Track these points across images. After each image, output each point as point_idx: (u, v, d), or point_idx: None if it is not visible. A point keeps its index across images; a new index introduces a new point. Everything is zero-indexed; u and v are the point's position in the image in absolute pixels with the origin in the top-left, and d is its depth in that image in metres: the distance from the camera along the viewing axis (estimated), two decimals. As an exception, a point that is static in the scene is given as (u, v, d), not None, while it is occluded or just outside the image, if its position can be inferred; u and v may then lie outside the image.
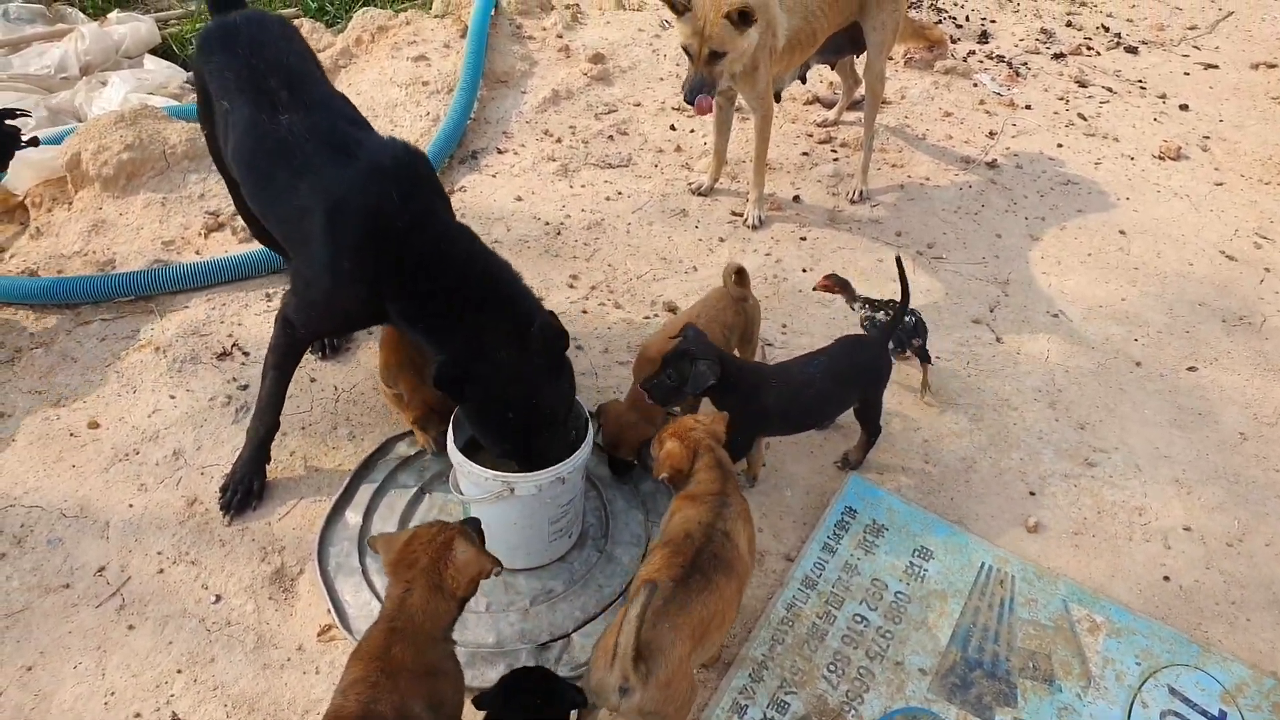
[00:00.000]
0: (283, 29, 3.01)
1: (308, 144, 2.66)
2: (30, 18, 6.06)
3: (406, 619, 2.06)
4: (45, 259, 3.96)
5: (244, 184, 2.88)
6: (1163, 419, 3.58)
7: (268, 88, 2.76)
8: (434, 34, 5.70)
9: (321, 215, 2.57)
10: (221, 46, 2.89)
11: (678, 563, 2.18)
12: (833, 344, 3.10)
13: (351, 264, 2.59)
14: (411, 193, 2.63)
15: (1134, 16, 7.06)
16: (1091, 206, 4.81)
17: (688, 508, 2.35)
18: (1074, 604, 2.88)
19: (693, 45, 3.65)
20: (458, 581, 2.11)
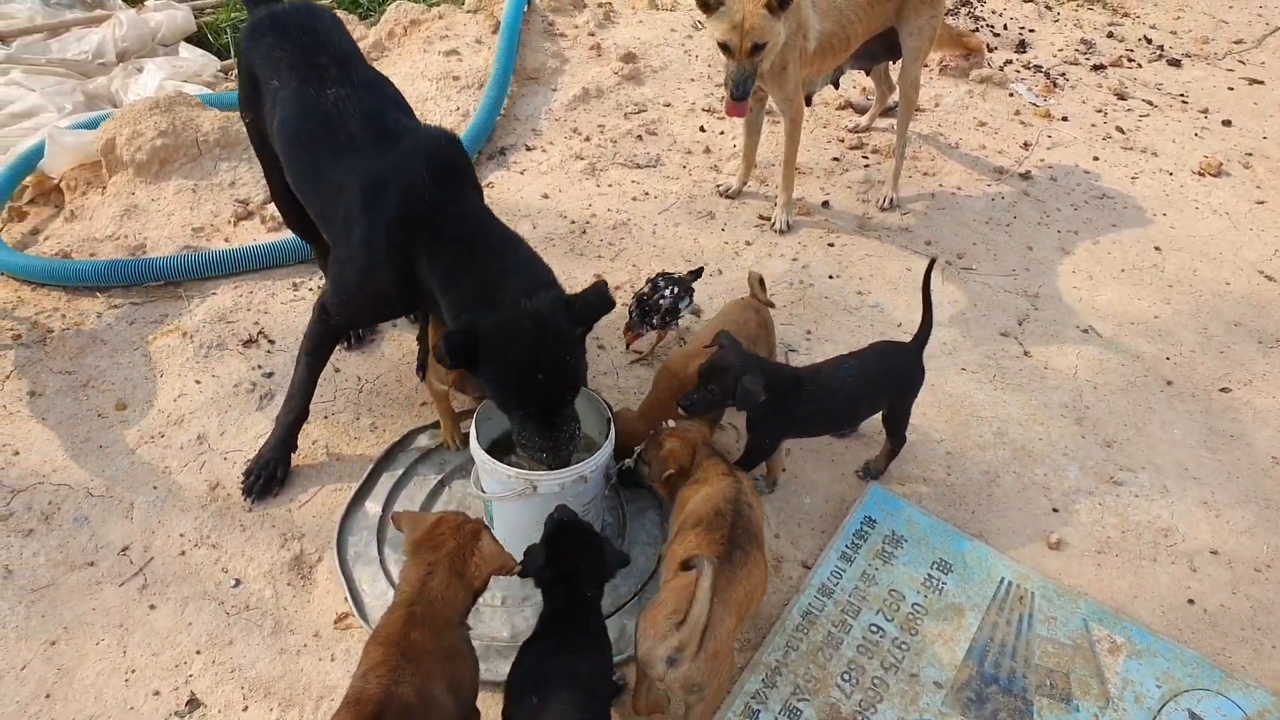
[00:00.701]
0: (332, 18, 3.08)
1: (351, 121, 2.71)
2: (69, 3, 6.13)
3: (426, 603, 2.07)
4: (78, 242, 4.00)
5: (285, 159, 2.91)
6: (1193, 440, 3.52)
7: (318, 64, 2.83)
8: (466, 29, 5.72)
9: (359, 192, 2.61)
10: (273, 29, 2.94)
11: (717, 539, 2.27)
12: (866, 348, 3.09)
13: (386, 240, 2.61)
14: (445, 175, 2.66)
15: (1178, 29, 6.97)
16: (1127, 221, 4.75)
17: (705, 488, 2.43)
18: (1095, 623, 2.85)
19: (733, 39, 3.62)
20: (479, 572, 2.13)
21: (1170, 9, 7.29)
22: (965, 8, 6.92)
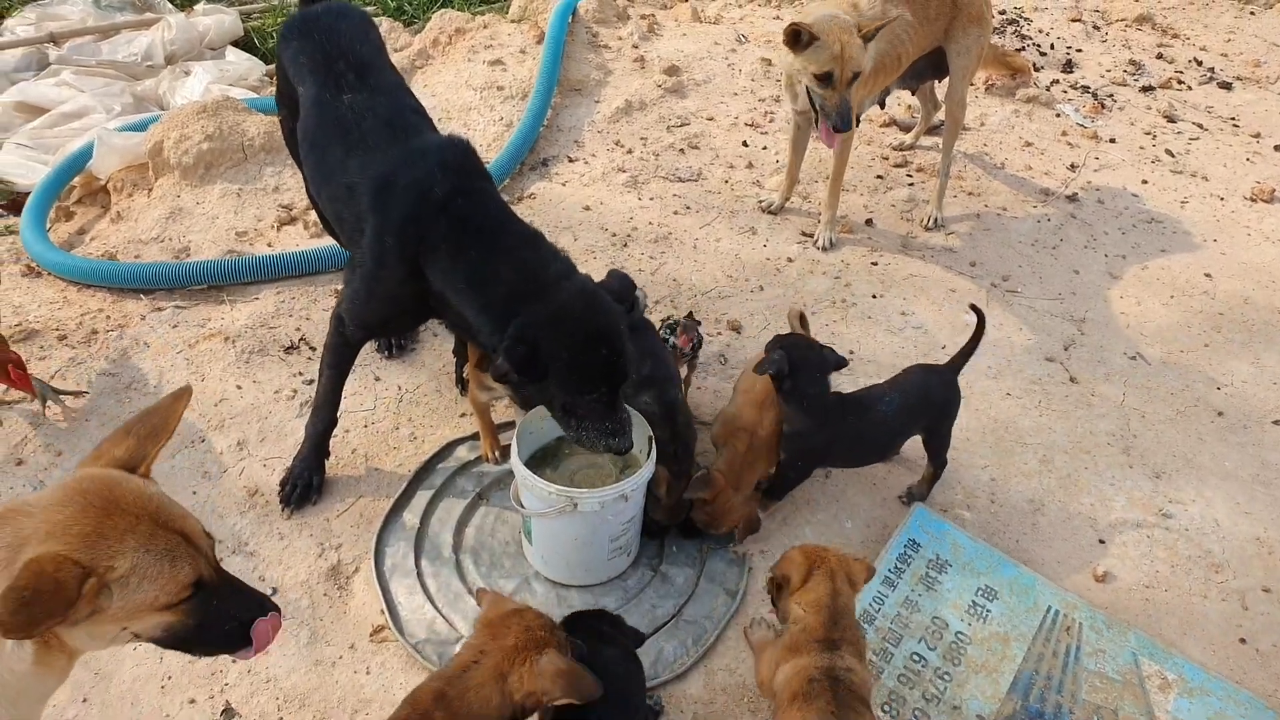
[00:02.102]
0: (362, 20, 3.05)
1: (364, 123, 2.67)
2: (120, 6, 6.22)
3: (459, 689, 1.89)
4: (124, 243, 4.04)
5: (305, 163, 2.91)
6: (1245, 473, 3.44)
7: (336, 69, 2.80)
8: (510, 39, 5.74)
9: (367, 192, 2.57)
10: (300, 33, 2.94)
11: (825, 707, 2.02)
12: (902, 375, 3.04)
13: (394, 239, 2.53)
14: (456, 171, 2.58)
15: (1229, 51, 6.86)
16: (1176, 247, 4.66)
17: (792, 660, 2.15)
18: (1145, 658, 2.77)
19: (835, 70, 3.61)
20: (521, 685, 1.90)
21: (1221, 31, 7.18)
22: (1011, 27, 6.86)
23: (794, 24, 3.59)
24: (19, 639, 1.43)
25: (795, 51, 3.65)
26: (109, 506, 1.51)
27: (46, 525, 1.45)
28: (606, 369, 2.43)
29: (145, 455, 1.65)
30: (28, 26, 5.78)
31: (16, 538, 1.43)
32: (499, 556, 2.86)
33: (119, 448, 1.64)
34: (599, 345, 2.41)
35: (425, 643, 2.58)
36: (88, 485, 1.53)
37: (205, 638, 1.65)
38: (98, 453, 1.64)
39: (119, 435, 1.66)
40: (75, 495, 1.51)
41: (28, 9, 5.96)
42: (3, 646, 1.44)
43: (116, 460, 1.62)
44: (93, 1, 6.12)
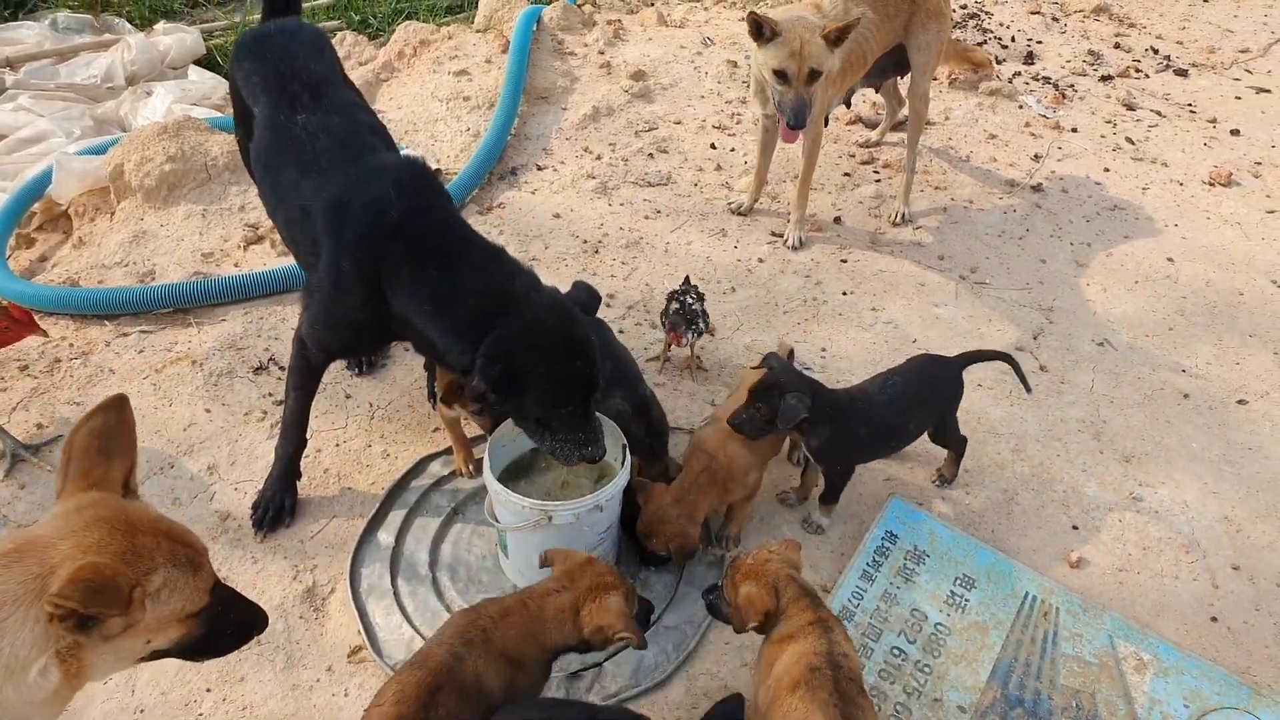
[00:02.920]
0: (315, 38, 3.01)
1: (319, 143, 2.63)
2: (79, 28, 6.15)
3: (540, 604, 2.18)
4: (86, 268, 4.00)
5: (259, 184, 2.87)
6: (1212, 453, 3.48)
7: (291, 90, 2.76)
8: (476, 49, 5.72)
9: (322, 214, 2.53)
10: (253, 53, 2.90)
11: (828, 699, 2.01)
12: (904, 364, 3.08)
13: (350, 262, 2.50)
14: (411, 192, 2.54)
15: (1184, 39, 6.95)
16: (1139, 232, 4.72)
17: (790, 647, 2.17)
18: (1120, 640, 2.80)
19: (790, 67, 3.66)
20: (592, 618, 2.17)
21: (1175, 19, 7.27)
22: (973, 20, 6.91)
23: (753, 13, 3.64)
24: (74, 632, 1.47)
25: (758, 45, 3.71)
26: (131, 527, 1.56)
27: (80, 549, 1.49)
28: (581, 381, 2.44)
29: (127, 469, 1.69)
30: (-17, 52, 5.71)
31: (44, 566, 1.46)
32: (476, 572, 2.85)
33: (111, 472, 1.65)
34: (573, 358, 2.42)
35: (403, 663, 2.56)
36: (102, 510, 1.57)
37: (214, 643, 1.73)
38: (90, 479, 1.63)
39: (93, 458, 1.65)
40: (96, 520, 1.54)
41: (-18, 34, 5.89)
42: (25, 675, 1.46)
43: (113, 484, 1.64)
44: (49, 24, 6.05)
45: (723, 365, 3.69)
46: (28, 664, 1.45)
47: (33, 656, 1.45)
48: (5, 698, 1.46)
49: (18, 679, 1.45)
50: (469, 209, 4.48)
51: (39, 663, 1.46)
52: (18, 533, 1.54)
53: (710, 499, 2.78)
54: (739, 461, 2.80)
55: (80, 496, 1.61)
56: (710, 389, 3.57)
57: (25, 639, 1.44)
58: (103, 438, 1.69)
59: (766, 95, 3.99)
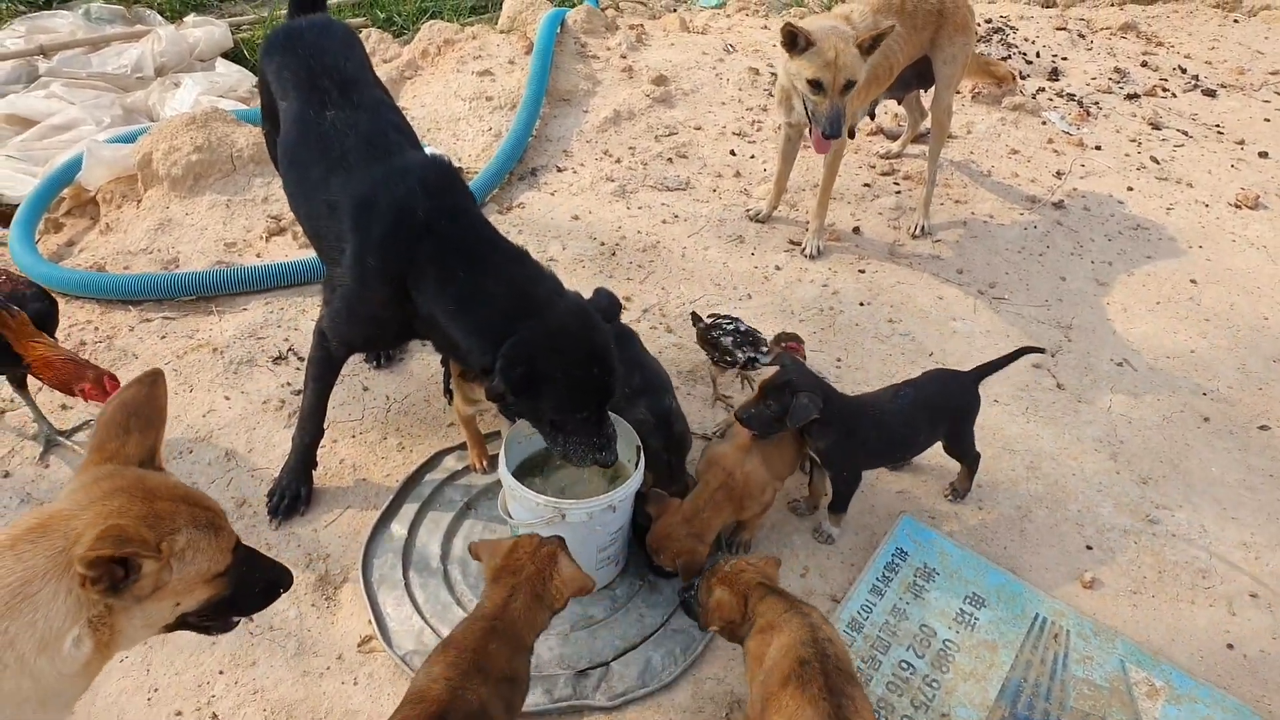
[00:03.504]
0: (345, 35, 3.02)
1: (346, 140, 2.65)
2: (110, 18, 6.23)
3: (508, 622, 2.13)
4: (113, 254, 4.03)
5: (285, 179, 2.88)
6: (1231, 478, 3.45)
7: (320, 86, 2.77)
8: (499, 49, 5.75)
9: (348, 211, 2.54)
10: (284, 48, 2.91)
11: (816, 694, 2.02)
12: (921, 375, 3.09)
13: (376, 259, 2.52)
14: (438, 191, 2.56)
15: (1213, 59, 6.92)
16: (1162, 253, 4.69)
17: (775, 639, 2.19)
18: (1132, 665, 2.78)
19: (826, 77, 3.64)
20: (560, 594, 2.20)
21: (1205, 39, 7.24)
22: (998, 35, 6.90)
23: (789, 25, 3.62)
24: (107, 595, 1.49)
25: (791, 55, 3.69)
26: (149, 494, 1.59)
27: (101, 516, 1.51)
28: (597, 387, 2.46)
29: (152, 447, 1.71)
30: (17, 39, 5.78)
31: (69, 539, 1.49)
32: (487, 566, 2.86)
33: (128, 446, 1.67)
34: (591, 364, 2.44)
35: (413, 654, 2.57)
36: (120, 480, 1.60)
37: (242, 602, 1.76)
38: (106, 453, 1.66)
39: (115, 432, 1.68)
40: (114, 490, 1.57)
41: (17, 21, 5.97)
42: (59, 646, 1.48)
43: (130, 458, 1.67)
44: (82, 14, 6.13)
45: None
46: (62, 634, 1.47)
47: (67, 626, 1.47)
48: (40, 670, 1.47)
49: (52, 650, 1.47)
50: (489, 208, 4.50)
51: (73, 633, 1.48)
52: (39, 509, 1.56)
53: (724, 516, 2.75)
54: (756, 479, 2.78)
55: (96, 470, 1.64)
56: (724, 394, 3.56)
57: (58, 610, 1.47)
58: (128, 412, 1.71)
59: (790, 104, 3.99)
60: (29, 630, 1.44)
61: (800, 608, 2.26)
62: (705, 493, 2.75)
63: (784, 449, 2.90)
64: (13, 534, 1.50)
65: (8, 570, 1.45)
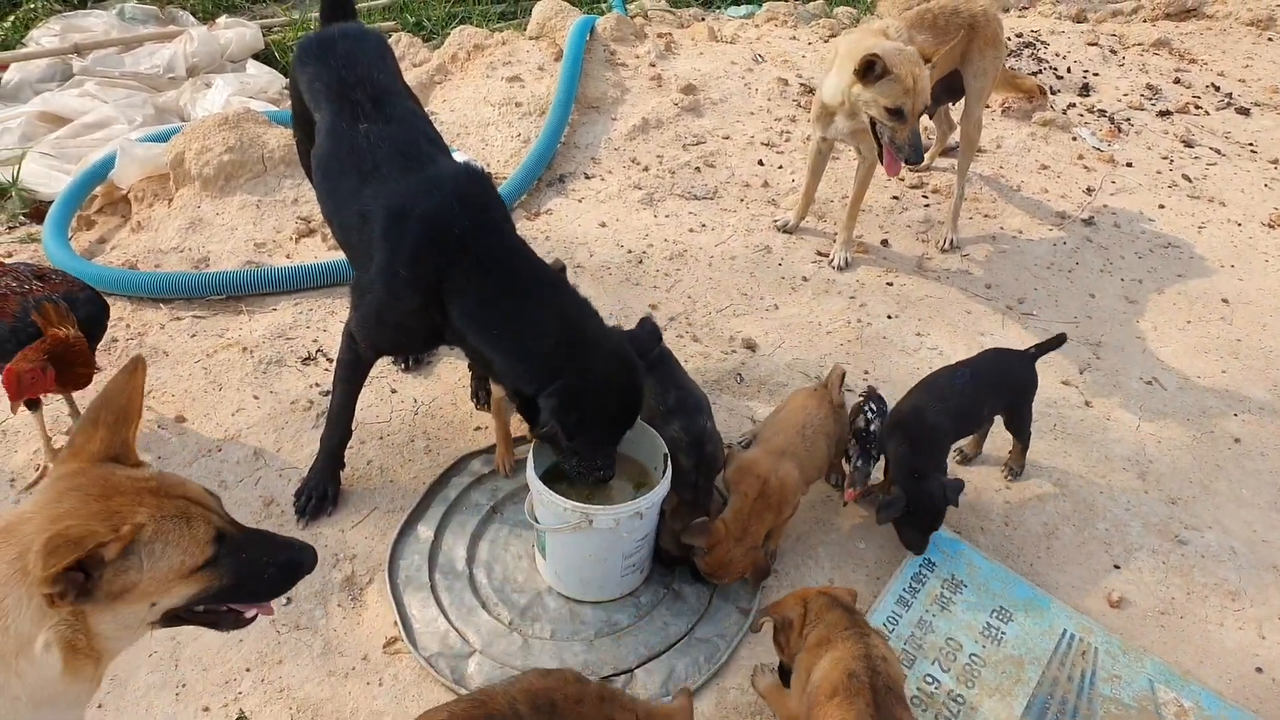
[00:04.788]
0: (378, 45, 3.02)
1: (379, 152, 2.66)
2: (144, 18, 6.30)
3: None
4: (144, 252, 4.07)
5: (317, 189, 2.90)
6: (1262, 500, 3.42)
7: (353, 98, 2.78)
8: (529, 55, 5.77)
9: (381, 221, 2.56)
10: (317, 57, 2.91)
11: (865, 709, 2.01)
12: (978, 355, 3.26)
13: (408, 270, 2.54)
14: (472, 204, 2.58)
15: (1247, 77, 6.86)
16: (1193, 272, 4.66)
17: (828, 653, 2.18)
18: (1161, 685, 2.75)
19: (907, 104, 3.61)
20: None
21: (1239, 57, 7.18)
22: (1028, 50, 6.87)
23: (870, 55, 3.55)
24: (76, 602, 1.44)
25: (865, 84, 3.64)
26: (107, 491, 1.51)
27: (50, 520, 1.45)
28: (624, 429, 2.62)
29: (123, 440, 1.63)
30: (52, 38, 5.85)
31: (22, 544, 1.43)
32: (512, 571, 2.86)
33: (92, 442, 1.60)
34: (630, 412, 2.59)
35: (438, 656, 2.58)
36: (78, 479, 1.53)
37: (252, 589, 1.67)
38: (73, 450, 1.60)
39: (87, 428, 1.62)
40: (69, 490, 1.51)
41: (53, 20, 6.04)
42: (31, 651, 1.44)
43: (94, 455, 1.59)
44: (116, 14, 6.19)
45: (763, 382, 3.68)
46: (32, 640, 1.43)
47: (34, 632, 1.43)
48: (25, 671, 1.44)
49: (26, 655, 1.44)
50: (516, 214, 4.51)
51: (41, 638, 1.44)
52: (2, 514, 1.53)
53: (767, 523, 2.74)
54: (791, 483, 2.78)
55: (61, 468, 1.59)
56: (750, 404, 3.56)
57: (24, 617, 1.42)
58: (102, 405, 1.65)
59: (829, 121, 4.00)
60: (3, 635, 1.41)
61: (863, 628, 2.25)
62: (745, 505, 2.73)
63: (816, 452, 2.92)
64: None
65: None
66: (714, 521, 2.71)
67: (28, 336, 2.69)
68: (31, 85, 5.49)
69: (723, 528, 2.69)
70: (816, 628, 2.26)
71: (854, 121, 3.86)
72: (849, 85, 3.71)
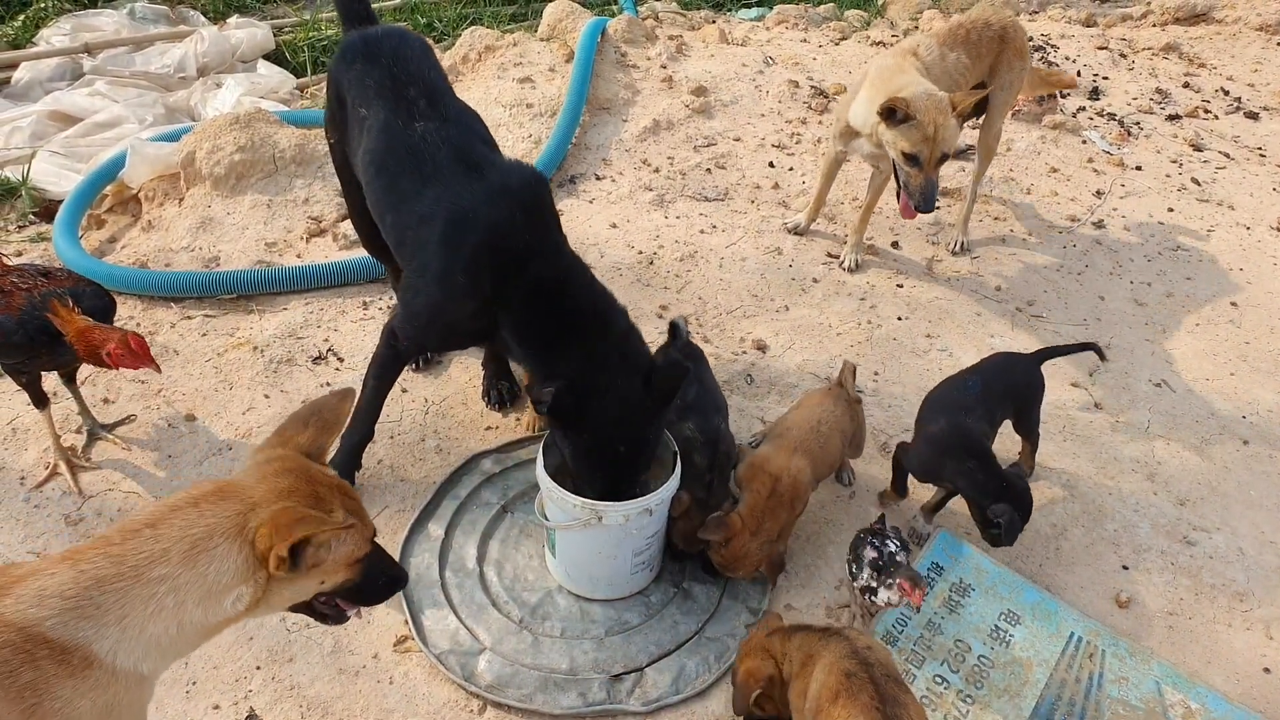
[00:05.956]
0: (422, 46, 3.04)
1: (439, 153, 2.69)
2: (154, 18, 6.31)
3: None
4: (154, 252, 4.09)
5: (369, 187, 2.90)
6: (1270, 502, 3.41)
7: (407, 96, 2.80)
8: (540, 57, 5.78)
9: (442, 224, 2.60)
10: (364, 56, 2.92)
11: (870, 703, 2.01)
12: (983, 361, 3.21)
13: (466, 277, 2.60)
14: (534, 215, 2.65)
15: (1255, 81, 6.85)
16: (1202, 275, 4.65)
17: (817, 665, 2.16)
18: (1168, 687, 2.75)
19: (923, 152, 3.55)
20: None
21: (1248, 61, 7.17)
22: (1038, 54, 6.86)
23: (891, 101, 3.50)
24: (283, 562, 1.60)
25: (887, 124, 3.58)
26: (313, 480, 1.72)
27: (274, 492, 1.65)
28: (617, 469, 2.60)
29: (322, 447, 1.85)
30: (63, 37, 5.87)
31: (245, 504, 1.62)
32: (522, 569, 2.87)
33: (301, 436, 1.82)
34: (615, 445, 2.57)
35: (448, 653, 2.59)
36: (289, 462, 1.74)
37: (368, 591, 1.86)
38: (282, 439, 1.81)
39: (297, 425, 1.84)
40: (285, 471, 1.71)
41: (63, 19, 6.05)
42: (221, 599, 1.59)
43: (300, 447, 1.80)
44: (127, 13, 6.21)
45: (773, 383, 3.68)
46: (227, 590, 1.59)
47: (232, 584, 1.58)
48: (189, 620, 1.57)
49: (210, 603, 1.58)
50: (528, 214, 4.52)
51: (236, 590, 1.60)
52: (215, 479, 1.70)
53: (781, 519, 2.74)
54: (804, 479, 2.79)
55: (270, 451, 1.78)
56: (759, 405, 3.56)
57: (228, 568, 1.57)
58: (314, 411, 1.87)
59: (849, 139, 3.98)
60: (198, 581, 1.55)
61: (832, 629, 2.26)
62: (759, 502, 2.73)
63: (829, 448, 2.92)
64: (195, 495, 1.63)
65: (191, 523, 1.57)
66: (731, 515, 2.72)
67: (35, 329, 2.70)
68: (42, 84, 5.51)
69: (739, 521, 2.70)
70: (789, 660, 2.26)
71: (878, 149, 3.80)
72: (876, 122, 3.65)
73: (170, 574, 1.54)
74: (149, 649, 1.56)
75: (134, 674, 1.56)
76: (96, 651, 1.50)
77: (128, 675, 1.55)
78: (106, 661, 1.51)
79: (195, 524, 1.57)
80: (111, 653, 1.52)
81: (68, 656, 1.48)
